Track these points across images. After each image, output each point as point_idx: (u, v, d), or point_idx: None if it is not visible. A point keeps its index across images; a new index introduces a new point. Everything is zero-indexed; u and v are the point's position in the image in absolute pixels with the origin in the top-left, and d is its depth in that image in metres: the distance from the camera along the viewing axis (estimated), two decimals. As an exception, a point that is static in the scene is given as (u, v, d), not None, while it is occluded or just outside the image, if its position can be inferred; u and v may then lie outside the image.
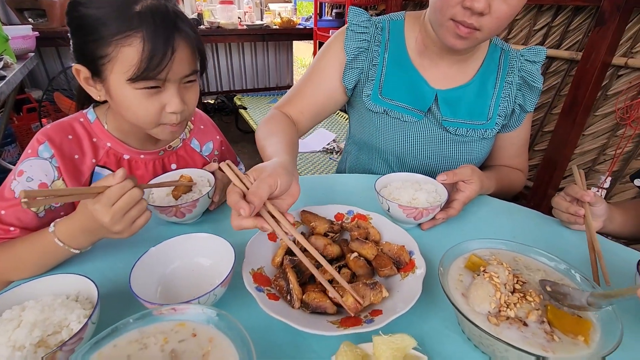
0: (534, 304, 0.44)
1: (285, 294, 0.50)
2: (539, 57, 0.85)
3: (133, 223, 0.54)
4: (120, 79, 0.61)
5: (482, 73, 0.85)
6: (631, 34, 1.67)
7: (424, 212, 0.65)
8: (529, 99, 0.86)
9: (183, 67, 0.64)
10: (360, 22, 0.86)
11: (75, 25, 0.62)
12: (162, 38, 0.59)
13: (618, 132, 1.81)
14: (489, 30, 0.69)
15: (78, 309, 0.45)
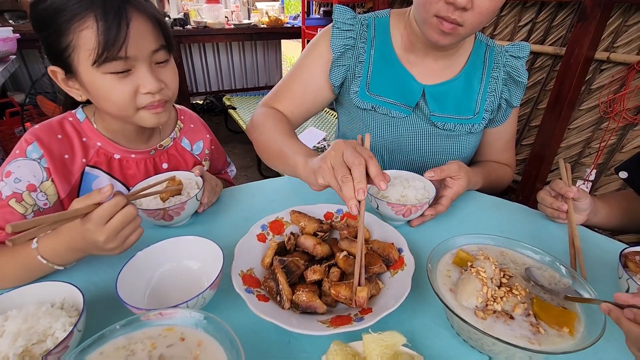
0: (520, 297, 0.44)
1: (275, 295, 0.50)
2: (523, 52, 0.87)
3: (126, 240, 0.53)
4: (87, 67, 0.60)
5: (468, 68, 0.86)
6: (612, 28, 1.71)
7: (412, 209, 0.66)
8: (514, 94, 0.87)
9: (146, 42, 0.62)
10: (346, 20, 0.86)
11: (37, 24, 0.61)
12: (113, 12, 0.58)
13: (602, 126, 1.85)
14: (471, 26, 0.70)
15: (63, 316, 0.44)
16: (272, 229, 0.64)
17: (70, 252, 0.55)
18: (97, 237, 0.50)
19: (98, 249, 0.53)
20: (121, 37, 0.58)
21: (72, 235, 0.53)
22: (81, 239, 0.52)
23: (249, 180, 3.01)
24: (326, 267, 0.55)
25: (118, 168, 0.78)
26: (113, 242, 0.52)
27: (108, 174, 0.77)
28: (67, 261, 0.56)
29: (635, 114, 1.71)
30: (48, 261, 0.54)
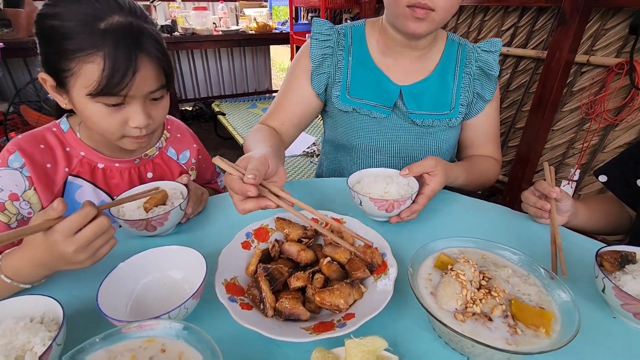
0: (498, 299, 0.45)
1: (258, 303, 0.50)
2: (494, 47, 0.90)
3: (97, 251, 0.52)
4: (82, 93, 0.61)
5: (441, 66, 0.90)
6: (591, 32, 1.75)
7: (394, 204, 0.67)
8: (487, 88, 0.90)
9: (147, 84, 0.64)
10: (323, 31, 0.90)
11: (41, 36, 0.62)
12: (124, 57, 0.59)
13: (584, 127, 1.89)
14: (443, 9, 0.74)
15: (42, 331, 0.44)
16: (256, 236, 0.64)
17: (35, 269, 0.52)
18: (66, 248, 0.48)
19: (66, 262, 0.51)
20: (125, 81, 0.60)
21: (35, 251, 0.51)
22: (46, 253, 0.50)
23: (239, 187, 2.95)
24: (310, 273, 0.55)
25: (102, 177, 0.77)
26: (83, 254, 0.50)
27: (91, 183, 0.76)
28: (32, 279, 0.54)
29: (615, 115, 1.76)
30: (12, 280, 0.52)
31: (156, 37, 0.64)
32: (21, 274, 0.52)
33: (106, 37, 0.58)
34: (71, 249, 0.49)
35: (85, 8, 0.59)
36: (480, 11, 2.25)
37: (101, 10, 0.59)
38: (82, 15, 0.59)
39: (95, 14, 0.59)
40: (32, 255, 0.51)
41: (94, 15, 0.59)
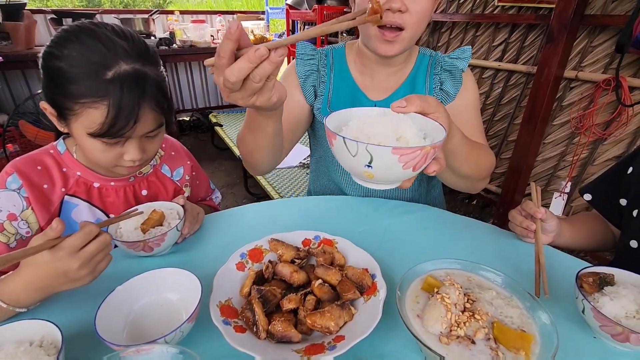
0: (481, 322, 0.47)
1: (251, 326, 0.52)
2: (463, 54, 0.92)
3: (97, 266, 0.54)
4: (82, 131, 0.64)
5: (412, 76, 0.93)
6: (579, 49, 1.81)
7: (429, 153, 0.44)
8: (452, 84, 0.90)
9: (146, 127, 0.67)
10: (307, 52, 0.95)
11: (47, 74, 0.64)
12: (127, 107, 0.61)
13: (574, 140, 1.93)
14: (412, 27, 0.77)
15: (42, 355, 0.45)
16: (251, 257, 0.66)
17: (32, 293, 0.54)
18: (71, 264, 0.51)
19: (68, 280, 0.52)
20: (126, 128, 0.63)
21: (35, 273, 0.52)
22: (49, 272, 0.51)
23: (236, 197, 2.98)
24: (302, 295, 0.57)
25: (97, 196, 0.79)
26: (86, 269, 0.52)
27: (87, 202, 0.78)
28: (28, 303, 0.55)
29: (604, 129, 1.80)
30: (8, 305, 0.53)
31: (158, 82, 0.67)
32: (18, 299, 0.53)
33: (112, 86, 0.60)
34: (76, 265, 0.51)
35: (94, 55, 0.61)
36: (472, 27, 2.31)
37: (109, 58, 0.61)
38: (89, 62, 0.60)
39: (103, 62, 0.61)
40: (31, 278, 0.52)
41: (101, 64, 0.61)
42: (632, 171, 0.78)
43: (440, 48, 2.55)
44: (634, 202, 0.76)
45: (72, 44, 0.61)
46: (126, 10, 3.74)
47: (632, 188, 0.77)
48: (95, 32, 0.62)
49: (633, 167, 0.78)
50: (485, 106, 2.36)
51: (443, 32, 2.50)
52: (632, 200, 0.77)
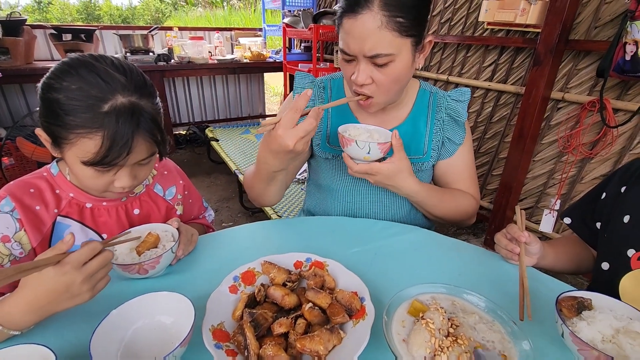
0: (464, 347, 0.49)
1: (243, 349, 0.53)
2: (464, 97, 0.97)
3: (96, 285, 0.56)
4: (75, 159, 0.66)
5: (414, 114, 0.97)
6: (565, 71, 1.87)
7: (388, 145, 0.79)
8: (456, 133, 0.97)
9: (138, 156, 0.69)
10: (305, 84, 0.99)
11: (44, 104, 0.66)
12: (122, 139, 0.64)
13: (563, 158, 1.98)
14: (381, 96, 0.83)
15: (36, 380, 0.46)
16: (243, 280, 0.67)
17: (30, 314, 0.54)
18: (75, 278, 0.53)
19: (69, 295, 0.54)
20: (119, 159, 0.65)
21: (37, 291, 0.53)
22: (52, 287, 0.53)
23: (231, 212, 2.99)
24: (292, 319, 0.59)
25: (90, 216, 0.81)
26: (87, 284, 0.55)
27: (80, 222, 0.79)
28: (23, 325, 0.55)
29: (590, 149, 1.85)
30: (3, 327, 0.54)
31: (153, 115, 0.69)
32: (14, 321, 0.54)
33: (107, 119, 0.63)
34: (80, 279, 0.53)
35: (92, 88, 0.63)
36: (463, 48, 2.38)
37: (106, 91, 0.63)
38: (87, 95, 0.63)
39: (100, 96, 0.63)
40: (33, 296, 0.53)
41: (98, 97, 0.63)
42: (605, 196, 0.82)
43: (432, 68, 2.62)
44: (605, 226, 0.80)
45: (71, 76, 0.63)
46: (125, 27, 3.80)
47: (605, 212, 0.81)
48: (94, 66, 0.65)
49: (606, 193, 0.82)
50: (476, 124, 2.41)
51: (435, 52, 2.57)
52: (604, 223, 0.80)
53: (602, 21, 1.69)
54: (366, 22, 0.73)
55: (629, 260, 0.73)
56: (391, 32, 0.74)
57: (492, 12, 2.00)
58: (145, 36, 3.29)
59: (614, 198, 0.80)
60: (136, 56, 3.20)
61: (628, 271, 0.72)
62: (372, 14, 0.72)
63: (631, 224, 0.75)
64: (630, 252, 0.73)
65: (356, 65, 0.79)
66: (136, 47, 3.26)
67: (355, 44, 0.76)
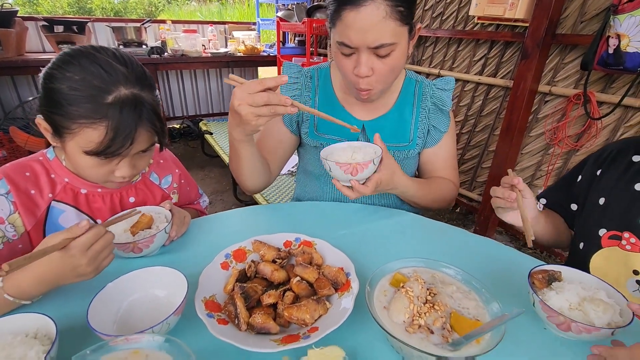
0: (440, 312, 0.52)
1: (233, 318, 0.56)
2: (448, 85, 1.01)
3: (101, 263, 0.59)
4: (77, 148, 0.68)
5: (400, 102, 1.00)
6: (552, 65, 1.91)
7: (357, 167, 0.75)
8: (441, 121, 1.01)
9: (139, 146, 0.72)
10: (292, 75, 1.01)
11: (46, 94, 0.67)
12: (125, 130, 0.66)
13: (549, 151, 2.03)
14: (379, 84, 0.85)
15: (37, 345, 0.49)
16: (235, 257, 0.70)
17: (38, 286, 0.58)
18: (81, 260, 0.56)
19: (75, 274, 0.58)
20: (122, 150, 0.67)
21: (46, 267, 0.57)
22: (59, 267, 0.56)
23: (225, 204, 3.01)
24: (282, 291, 0.62)
25: (85, 202, 0.82)
26: (92, 265, 0.58)
27: (75, 207, 0.81)
28: (33, 295, 0.59)
29: (575, 141, 1.90)
30: (14, 298, 0.57)
31: (154, 106, 0.71)
32: (24, 292, 0.58)
33: (111, 110, 0.65)
34: (85, 261, 0.56)
35: (94, 79, 0.65)
36: (454, 42, 2.42)
37: (109, 82, 0.65)
38: (90, 86, 0.64)
39: (103, 87, 0.65)
40: (42, 271, 0.57)
41: (101, 88, 0.65)
42: (581, 179, 0.86)
43: (424, 61, 2.65)
44: (582, 208, 0.84)
45: (73, 67, 0.65)
46: (118, 19, 3.78)
47: (582, 194, 0.85)
48: (96, 57, 0.66)
49: (582, 176, 0.86)
50: (467, 117, 2.46)
51: (427, 46, 2.60)
52: (580, 205, 0.84)
53: (588, 15, 1.73)
54: (371, 13, 0.74)
55: (600, 240, 0.77)
56: (394, 21, 0.76)
57: (482, 6, 2.03)
58: (138, 29, 3.28)
59: (590, 181, 0.84)
60: (129, 49, 3.19)
61: (599, 249, 0.77)
62: (375, 4, 0.74)
63: (604, 206, 0.79)
64: (601, 231, 0.77)
65: (357, 58, 0.81)
66: (129, 39, 3.25)
67: (358, 36, 0.76)
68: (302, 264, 0.66)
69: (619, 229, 0.75)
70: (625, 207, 0.75)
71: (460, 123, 2.51)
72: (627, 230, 0.74)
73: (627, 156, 0.80)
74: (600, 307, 0.54)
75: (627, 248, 0.74)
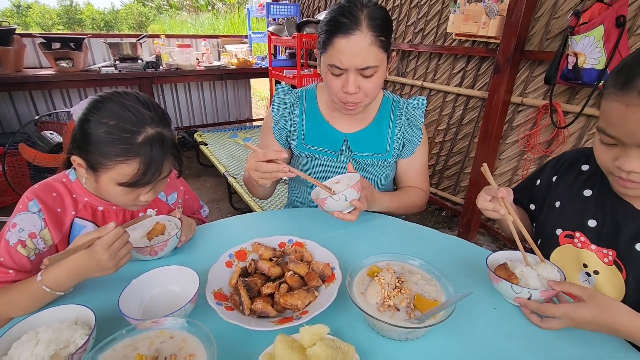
0: (405, 295, 0.65)
1: (238, 305, 0.68)
2: (420, 104, 1.16)
3: (120, 260, 0.70)
4: (111, 181, 0.79)
5: (378, 118, 1.15)
6: (523, 78, 2.08)
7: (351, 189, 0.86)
8: (414, 135, 1.16)
9: (164, 175, 0.84)
10: (282, 95, 1.17)
11: (81, 136, 0.79)
12: (155, 165, 0.78)
13: (524, 157, 2.19)
14: (365, 101, 1.00)
15: (79, 329, 0.60)
16: (237, 257, 0.82)
17: (71, 278, 0.70)
18: (103, 256, 0.68)
19: (99, 268, 0.70)
20: (152, 181, 0.80)
21: (76, 262, 0.69)
22: (86, 262, 0.68)
23: (221, 212, 3.13)
24: (278, 283, 0.74)
25: (101, 218, 0.94)
26: (112, 261, 0.70)
27: (93, 223, 0.93)
28: (67, 287, 0.71)
29: (546, 147, 2.06)
30: (51, 289, 0.69)
31: (174, 140, 0.84)
32: (60, 284, 0.69)
33: (142, 148, 0.77)
34: (106, 256, 0.68)
35: (126, 123, 0.77)
36: (435, 56, 2.58)
37: (138, 124, 0.78)
38: (123, 129, 0.76)
39: (134, 129, 0.77)
40: (73, 267, 0.69)
41: (132, 130, 0.77)
42: (539, 183, 1.00)
43: (409, 73, 2.81)
44: (540, 209, 0.97)
45: (106, 112, 0.77)
46: (114, 35, 3.88)
47: (540, 197, 0.98)
48: (124, 103, 0.79)
49: (540, 180, 1.00)
50: (449, 126, 2.61)
51: (411, 59, 2.77)
52: (539, 207, 0.98)
53: (552, 34, 1.91)
54: (359, 40, 0.90)
55: (558, 238, 0.89)
56: (377, 48, 0.92)
57: (458, 24, 2.20)
58: (133, 44, 3.39)
59: (547, 186, 0.97)
60: (125, 64, 3.30)
61: (557, 246, 0.90)
62: (362, 34, 0.90)
63: (561, 208, 0.92)
64: (558, 231, 0.90)
65: (345, 77, 0.96)
66: (125, 55, 3.36)
67: (348, 59, 0.92)
68: (294, 260, 0.78)
69: (572, 229, 0.87)
70: (577, 211, 0.87)
71: (443, 131, 2.66)
72: (578, 230, 0.85)
73: (578, 165, 0.93)
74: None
75: (578, 245, 0.85)
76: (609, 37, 1.50)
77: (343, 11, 0.91)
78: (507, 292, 0.71)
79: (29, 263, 0.80)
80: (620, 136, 0.66)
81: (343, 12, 0.91)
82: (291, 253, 0.82)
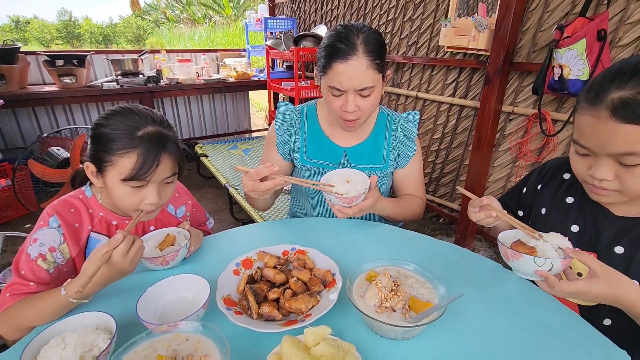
0: (401, 297, 0.71)
1: (247, 310, 0.73)
2: (414, 118, 1.24)
3: (133, 259, 0.76)
4: (116, 178, 0.85)
5: (375, 132, 1.23)
6: (513, 88, 2.16)
7: (353, 199, 0.97)
8: (409, 147, 1.23)
9: (164, 173, 0.89)
10: (284, 112, 1.24)
11: (94, 138, 0.87)
12: (152, 156, 0.84)
13: (517, 164, 2.26)
14: (364, 117, 1.08)
15: (102, 334, 0.65)
16: (244, 265, 0.88)
17: (94, 286, 0.75)
18: (124, 264, 0.74)
19: (120, 273, 0.76)
20: (150, 172, 0.85)
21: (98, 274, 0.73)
22: (108, 271, 0.74)
23: (222, 223, 3.18)
24: (283, 289, 0.79)
25: (115, 231, 0.99)
26: (132, 265, 0.76)
27: (108, 236, 0.98)
28: (88, 296, 0.76)
29: (537, 155, 2.13)
30: (77, 300, 0.74)
31: (175, 141, 0.90)
32: (85, 294, 0.74)
33: (141, 141, 0.84)
34: (127, 264, 0.74)
35: (130, 121, 0.85)
36: (428, 67, 2.67)
37: (140, 122, 0.86)
38: (126, 126, 0.85)
39: (136, 125, 0.85)
40: (97, 277, 0.73)
41: (134, 126, 0.85)
42: (526, 191, 1.06)
43: (403, 84, 2.90)
44: (528, 216, 1.03)
45: (115, 116, 0.86)
46: (115, 51, 3.98)
47: (527, 204, 1.04)
48: (132, 110, 0.88)
49: (527, 188, 1.06)
50: (444, 135, 2.69)
51: (405, 70, 2.86)
52: (526, 214, 1.04)
53: (539, 46, 1.99)
54: (356, 64, 0.98)
55: None
56: (373, 70, 1.01)
57: (449, 37, 2.29)
58: (135, 60, 3.48)
59: (533, 194, 1.04)
60: (127, 79, 3.38)
61: None
62: (359, 59, 0.98)
63: (545, 215, 0.98)
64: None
65: (345, 97, 1.04)
66: (126, 70, 3.45)
67: (347, 81, 1.00)
68: (297, 267, 0.83)
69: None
70: (561, 217, 0.94)
71: (438, 140, 2.74)
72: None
73: (560, 173, 0.99)
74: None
75: None
76: (591, 49, 1.58)
77: (340, 37, 0.99)
78: (528, 267, 0.71)
79: (48, 276, 0.86)
80: (592, 147, 0.73)
81: (340, 38, 0.98)
82: (294, 260, 0.87)
